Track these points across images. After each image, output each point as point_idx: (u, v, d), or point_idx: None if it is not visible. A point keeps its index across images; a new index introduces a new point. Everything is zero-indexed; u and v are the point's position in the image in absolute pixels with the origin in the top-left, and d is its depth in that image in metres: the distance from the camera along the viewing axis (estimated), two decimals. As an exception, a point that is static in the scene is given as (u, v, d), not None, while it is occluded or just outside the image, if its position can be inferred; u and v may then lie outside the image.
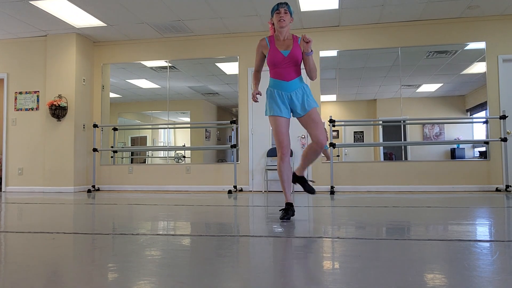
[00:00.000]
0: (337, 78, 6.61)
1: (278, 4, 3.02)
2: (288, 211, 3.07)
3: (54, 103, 6.52)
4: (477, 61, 6.22)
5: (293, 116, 3.13)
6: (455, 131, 6.37)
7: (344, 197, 5.29)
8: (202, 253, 1.98)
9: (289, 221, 3.00)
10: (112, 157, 7.26)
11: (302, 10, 5.83)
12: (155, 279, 1.54)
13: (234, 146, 6.33)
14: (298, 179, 3.30)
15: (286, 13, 3.01)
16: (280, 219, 3.06)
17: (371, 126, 6.72)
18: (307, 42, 2.94)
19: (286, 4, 3.03)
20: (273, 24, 3.09)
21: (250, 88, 6.78)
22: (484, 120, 6.18)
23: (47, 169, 6.73)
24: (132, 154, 7.46)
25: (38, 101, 6.97)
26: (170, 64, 7.11)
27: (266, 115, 3.13)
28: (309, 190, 3.25)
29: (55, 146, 6.72)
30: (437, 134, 6.42)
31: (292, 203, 3.14)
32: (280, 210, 3.18)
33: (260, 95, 3.15)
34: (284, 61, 3.01)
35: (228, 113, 7.07)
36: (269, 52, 3.06)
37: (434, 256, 1.86)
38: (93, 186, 6.83)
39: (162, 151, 7.25)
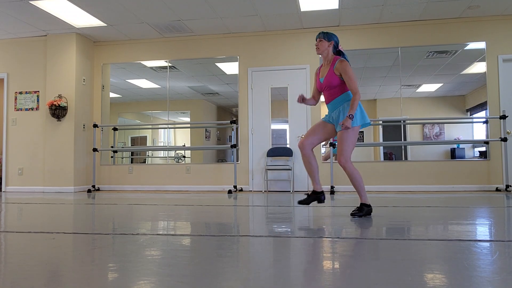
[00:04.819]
0: (337, 78, 6.60)
1: (316, 36, 3.39)
2: (308, 197, 3.36)
3: (54, 103, 6.52)
4: (477, 61, 6.22)
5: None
6: (455, 131, 6.37)
7: (344, 197, 5.28)
8: (202, 253, 1.98)
9: (307, 205, 3.38)
10: (112, 157, 7.26)
11: (302, 10, 5.83)
12: (155, 279, 1.54)
13: (234, 146, 6.33)
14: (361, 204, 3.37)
15: (320, 41, 3.32)
16: (298, 202, 3.38)
17: (371, 126, 6.72)
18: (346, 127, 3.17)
19: (321, 33, 3.33)
20: None
21: (250, 88, 6.78)
22: (484, 120, 6.18)
23: (47, 169, 6.73)
24: (132, 154, 7.46)
25: (38, 101, 6.97)
26: (170, 64, 7.11)
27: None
28: (352, 214, 3.33)
29: (55, 146, 6.72)
30: (437, 134, 6.41)
31: (317, 191, 3.37)
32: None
33: (305, 99, 3.46)
34: (322, 87, 3.34)
35: (228, 113, 7.07)
36: (316, 79, 3.45)
37: (434, 256, 1.86)
38: (93, 186, 6.83)
39: (162, 151, 7.25)
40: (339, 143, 3.22)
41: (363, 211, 3.26)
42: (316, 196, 3.36)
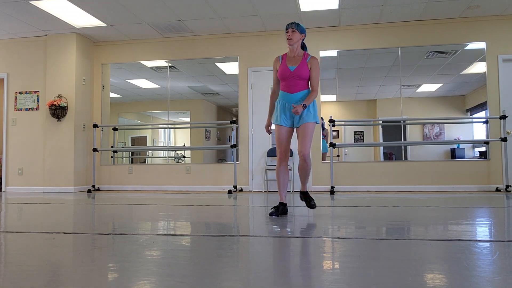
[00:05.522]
0: (337, 78, 6.60)
1: (287, 24, 3.33)
2: (278, 208, 3.36)
3: (54, 103, 6.52)
4: (477, 61, 6.22)
5: (293, 126, 3.43)
6: (455, 131, 6.37)
7: (344, 197, 5.28)
8: (202, 253, 1.98)
9: (277, 217, 3.27)
10: (112, 157, 7.26)
11: (302, 10, 5.83)
12: (155, 279, 1.54)
13: (234, 146, 6.33)
14: (303, 194, 3.56)
15: (293, 31, 3.30)
16: (269, 214, 3.37)
17: (371, 126, 6.72)
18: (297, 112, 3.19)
19: (294, 23, 3.30)
20: None
21: (250, 88, 6.78)
22: (484, 120, 6.18)
23: (47, 169, 6.73)
24: (132, 154, 7.46)
25: (38, 101, 6.97)
26: (170, 64, 7.11)
27: (273, 123, 3.50)
28: (310, 206, 3.49)
29: (55, 146, 6.72)
30: (437, 134, 6.41)
31: (284, 203, 3.39)
32: (271, 208, 3.46)
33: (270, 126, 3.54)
34: (291, 75, 3.30)
35: (228, 113, 7.07)
36: (280, 66, 3.39)
37: (434, 256, 1.86)
38: (93, 186, 6.83)
39: (162, 151, 7.24)
40: (302, 137, 3.32)
41: (311, 198, 3.48)
42: (284, 208, 3.38)
